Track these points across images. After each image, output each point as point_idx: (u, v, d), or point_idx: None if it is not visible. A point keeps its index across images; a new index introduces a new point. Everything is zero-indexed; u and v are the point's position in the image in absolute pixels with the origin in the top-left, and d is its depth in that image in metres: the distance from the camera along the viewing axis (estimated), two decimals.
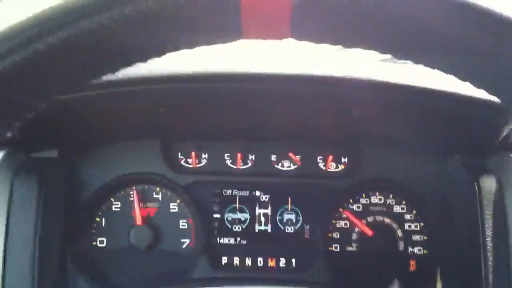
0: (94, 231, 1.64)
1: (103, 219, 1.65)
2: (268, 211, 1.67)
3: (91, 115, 1.43)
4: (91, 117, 1.45)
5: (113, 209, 1.65)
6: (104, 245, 1.63)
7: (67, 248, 1.57)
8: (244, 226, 1.67)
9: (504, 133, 1.30)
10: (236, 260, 1.65)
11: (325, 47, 1.42)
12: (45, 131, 1.43)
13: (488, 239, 1.39)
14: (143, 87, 1.26)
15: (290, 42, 0.60)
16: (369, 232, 1.63)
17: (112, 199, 1.65)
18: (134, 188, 1.65)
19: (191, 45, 0.59)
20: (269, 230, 1.67)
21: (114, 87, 1.23)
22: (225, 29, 0.56)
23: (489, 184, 1.43)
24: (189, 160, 1.68)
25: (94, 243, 1.64)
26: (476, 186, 1.41)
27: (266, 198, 1.68)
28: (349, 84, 1.19)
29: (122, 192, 1.66)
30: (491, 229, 1.40)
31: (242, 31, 0.56)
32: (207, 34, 0.58)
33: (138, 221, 1.62)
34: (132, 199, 1.65)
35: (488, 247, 1.38)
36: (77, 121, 1.44)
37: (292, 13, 0.54)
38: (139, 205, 1.64)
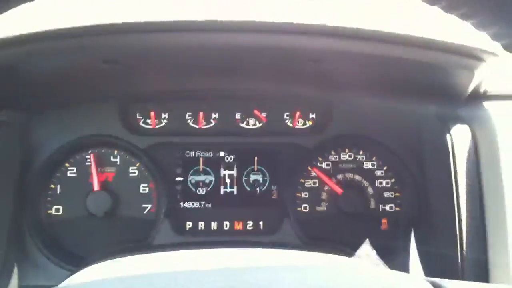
0: (49, 198, 1.54)
1: (58, 186, 1.55)
2: (234, 172, 1.59)
3: (37, 72, 1.32)
4: (38, 76, 1.34)
5: (69, 174, 1.55)
6: (60, 213, 1.54)
7: (21, 218, 1.48)
8: (208, 189, 1.59)
9: (476, 81, 1.23)
10: (201, 225, 1.58)
11: None
12: None
13: (462, 191, 1.34)
14: (90, 38, 1.15)
15: None
16: (339, 190, 1.56)
17: (67, 165, 1.55)
18: (90, 152, 1.55)
19: None
20: (235, 192, 1.59)
21: (54, 39, 1.11)
22: None
23: (462, 134, 1.37)
24: (148, 121, 1.58)
25: (49, 212, 1.54)
26: (449, 136, 1.35)
27: (231, 158, 1.59)
28: (318, 32, 1.09)
29: (78, 157, 1.56)
30: (464, 181, 1.35)
31: None
32: None
33: (96, 186, 1.53)
34: (88, 163, 1.55)
35: (462, 200, 1.33)
36: (24, 80, 1.33)
37: None
38: (97, 170, 1.54)
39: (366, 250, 1.40)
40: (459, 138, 1.36)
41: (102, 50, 1.22)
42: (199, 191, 1.58)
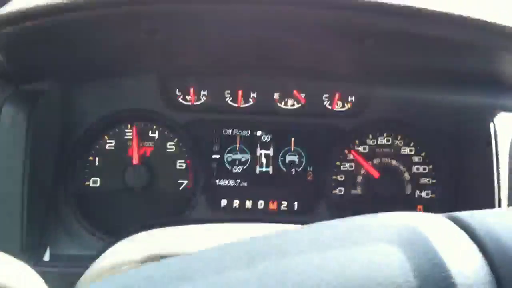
0: (87, 170, 1.56)
1: (97, 158, 1.57)
2: (270, 151, 1.59)
3: (79, 43, 1.33)
4: (80, 46, 1.35)
5: (107, 147, 1.57)
6: (97, 185, 1.56)
7: (59, 188, 1.50)
8: (244, 167, 1.59)
9: None
10: (236, 203, 1.58)
11: None
12: (33, 61, 1.34)
13: (502, 182, 1.32)
14: (133, 8, 1.15)
15: None
16: (376, 174, 1.55)
17: (106, 137, 1.57)
18: (131, 125, 1.57)
19: None
20: (271, 172, 1.59)
21: (98, 8, 1.12)
22: None
23: (505, 123, 1.35)
24: (188, 97, 1.59)
25: (87, 183, 1.56)
26: (492, 125, 1.33)
27: (268, 138, 1.59)
28: (364, 7, 1.08)
29: (117, 130, 1.57)
30: (505, 172, 1.33)
31: None
32: None
33: (135, 160, 1.54)
34: (127, 137, 1.56)
35: (502, 191, 1.31)
36: (65, 50, 1.34)
37: None
38: (136, 144, 1.55)
39: None
40: (502, 127, 1.34)
41: (144, 20, 1.22)
42: (235, 169, 1.59)
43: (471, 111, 1.45)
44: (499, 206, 1.32)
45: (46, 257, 1.46)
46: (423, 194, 1.58)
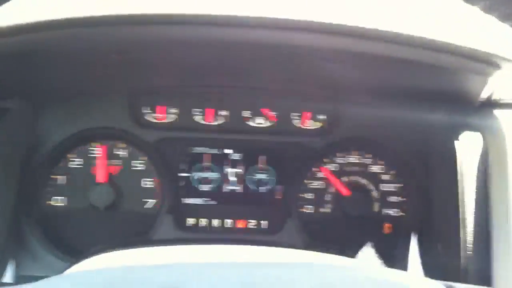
0: (51, 189, 1.53)
1: (62, 177, 1.54)
2: (239, 170, 1.58)
3: (48, 61, 1.30)
4: (48, 64, 1.32)
5: (73, 166, 1.54)
6: (61, 204, 1.53)
7: (21, 207, 1.46)
8: (213, 186, 1.57)
9: (489, 87, 1.22)
10: (203, 221, 1.56)
11: None
12: (1, 78, 1.30)
13: (468, 199, 1.32)
14: (103, 28, 1.13)
15: None
16: (345, 192, 1.55)
17: (71, 156, 1.54)
18: (97, 143, 1.54)
19: None
20: (239, 190, 1.58)
21: (65, 27, 1.10)
22: None
23: (471, 142, 1.36)
24: (156, 115, 1.57)
25: (51, 202, 1.53)
26: (458, 143, 1.33)
27: (237, 156, 1.58)
28: (331, 31, 1.08)
29: (83, 148, 1.54)
30: (471, 189, 1.33)
31: None
32: None
33: (100, 178, 1.51)
34: (93, 155, 1.53)
35: (468, 208, 1.31)
36: (33, 68, 1.31)
37: None
38: (102, 162, 1.52)
39: (368, 253, 1.38)
40: (468, 145, 1.35)
41: (115, 41, 1.21)
42: (202, 187, 1.57)
43: (438, 130, 1.45)
44: (464, 223, 1.32)
45: (7, 278, 1.41)
46: (392, 212, 1.58)
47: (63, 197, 1.53)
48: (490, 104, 1.30)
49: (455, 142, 1.36)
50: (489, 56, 1.09)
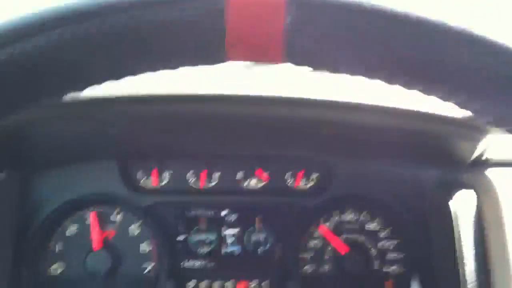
0: (48, 257, 1.53)
1: (58, 244, 1.53)
2: (236, 231, 1.57)
3: (40, 136, 1.33)
4: (40, 139, 1.35)
5: (69, 233, 1.54)
6: (59, 272, 1.52)
7: (19, 277, 1.46)
8: (210, 248, 1.57)
9: (479, 150, 1.22)
10: (203, 285, 1.55)
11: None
12: None
13: (466, 255, 1.32)
14: (93, 108, 1.16)
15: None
16: (343, 250, 1.54)
17: (67, 223, 1.54)
18: (90, 210, 1.54)
19: (169, 66, 0.53)
20: (237, 252, 1.57)
21: (62, 109, 1.12)
22: (209, 50, 0.50)
23: (465, 199, 1.36)
24: (150, 180, 1.58)
25: (48, 270, 1.52)
26: (452, 201, 1.34)
27: (233, 218, 1.58)
28: (321, 105, 1.10)
29: (78, 215, 1.55)
30: (469, 245, 1.33)
31: (227, 52, 0.49)
32: (187, 56, 0.50)
33: (95, 245, 1.51)
34: (88, 222, 1.53)
35: (467, 263, 1.31)
36: (25, 141, 1.34)
37: (284, 35, 0.47)
38: (96, 229, 1.52)
39: None
40: (462, 203, 1.35)
41: (108, 118, 1.24)
42: (200, 250, 1.56)
43: (433, 187, 1.46)
44: (463, 279, 1.31)
45: None
46: (391, 269, 1.56)
47: (61, 266, 1.53)
48: (481, 164, 1.30)
49: (450, 200, 1.36)
50: (477, 123, 1.10)
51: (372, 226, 1.58)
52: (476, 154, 1.24)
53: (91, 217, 1.53)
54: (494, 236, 1.26)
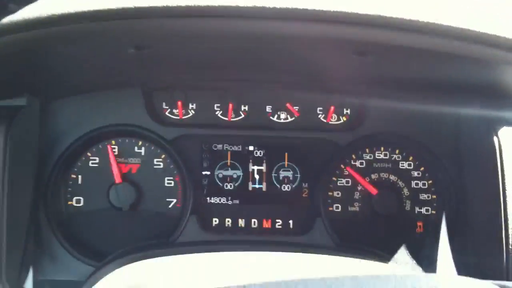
0: (69, 189, 1.48)
1: (80, 176, 1.49)
2: (263, 167, 1.52)
3: (60, 57, 1.25)
4: (61, 60, 1.27)
5: (90, 164, 1.49)
6: (80, 204, 1.48)
7: (40, 208, 1.42)
8: (236, 184, 1.52)
9: None
10: (228, 222, 1.51)
11: None
12: (10, 74, 1.24)
13: (510, 198, 1.26)
14: (120, 22, 1.07)
15: None
16: (373, 191, 1.49)
17: (89, 154, 1.49)
18: (108, 142, 1.49)
19: None
20: (264, 189, 1.52)
21: (83, 21, 1.04)
22: None
23: (508, 137, 1.29)
24: (175, 111, 1.51)
25: (69, 203, 1.48)
26: (495, 138, 1.27)
27: (260, 153, 1.52)
28: (367, 22, 1.01)
29: (100, 146, 1.49)
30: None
31: None
32: None
33: (117, 178, 1.46)
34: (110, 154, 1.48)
35: (509, 206, 1.25)
36: (45, 64, 1.26)
37: None
38: (116, 162, 1.48)
39: (404, 258, 1.32)
40: (506, 141, 1.28)
41: (133, 35, 1.15)
42: (226, 186, 1.51)
43: (473, 124, 1.39)
44: (505, 224, 1.25)
45: (28, 285, 1.37)
46: (423, 210, 1.52)
47: (82, 198, 1.48)
48: None
49: (493, 137, 1.29)
50: None
51: (405, 165, 1.52)
52: None
53: (109, 149, 1.48)
54: None
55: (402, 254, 1.35)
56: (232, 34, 1.15)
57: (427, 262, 1.37)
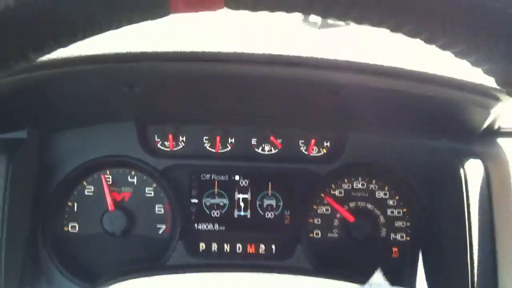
0: (66, 215, 1.57)
1: (76, 204, 1.58)
2: (248, 196, 1.62)
3: (60, 95, 1.36)
4: (60, 97, 1.38)
5: (86, 193, 1.58)
6: (76, 230, 1.57)
7: (37, 234, 1.50)
8: (223, 212, 1.61)
9: (491, 118, 1.26)
10: (214, 246, 1.60)
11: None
12: (12, 110, 1.35)
13: (474, 224, 1.36)
14: (115, 65, 1.19)
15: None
16: (351, 218, 1.58)
17: (85, 183, 1.58)
18: (103, 172, 1.59)
19: (114, 25, 0.52)
20: (249, 216, 1.61)
21: (82, 64, 1.15)
22: (151, 4, 0.50)
23: (475, 169, 1.39)
24: (166, 143, 1.61)
25: (66, 228, 1.57)
26: (462, 170, 1.37)
27: (245, 182, 1.62)
28: (338, 67, 1.13)
29: (95, 176, 1.58)
30: (476, 214, 1.37)
31: (169, 4, 0.50)
32: (130, 11, 0.51)
33: (110, 206, 1.56)
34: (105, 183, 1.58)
35: (473, 232, 1.35)
36: (46, 100, 1.37)
37: None
38: (109, 190, 1.57)
39: (378, 279, 1.41)
40: (472, 172, 1.39)
41: (126, 76, 1.26)
42: (213, 213, 1.61)
43: (443, 156, 1.49)
44: (470, 247, 1.35)
45: None
46: (398, 236, 1.61)
47: (77, 224, 1.57)
48: (492, 133, 1.34)
49: (460, 169, 1.39)
50: (490, 90, 1.13)
51: (381, 194, 1.62)
52: (488, 122, 1.28)
53: (103, 179, 1.58)
54: (502, 205, 1.31)
55: (378, 277, 1.44)
56: (216, 76, 1.27)
57: (402, 284, 1.47)
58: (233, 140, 1.62)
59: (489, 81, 1.14)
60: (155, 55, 1.17)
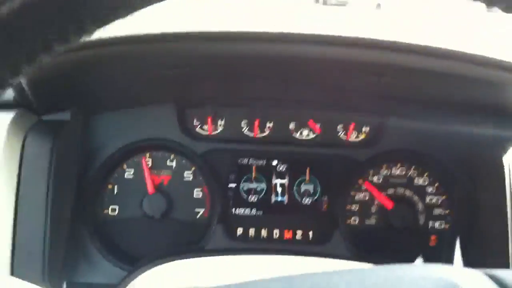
0: (106, 198, 1.59)
1: (116, 187, 1.60)
2: (285, 181, 1.61)
3: (102, 76, 1.37)
4: (102, 79, 1.39)
5: (126, 176, 1.60)
6: (116, 213, 1.59)
7: (79, 216, 1.53)
8: (260, 197, 1.61)
9: None
10: (252, 231, 1.60)
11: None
12: (57, 92, 1.37)
13: None
14: (157, 45, 1.19)
15: None
16: (389, 205, 1.57)
17: (125, 166, 1.60)
18: (143, 155, 1.60)
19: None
20: (286, 201, 1.61)
21: (125, 44, 1.16)
22: None
23: None
24: (205, 127, 1.62)
25: (106, 211, 1.59)
26: (505, 159, 1.35)
27: (283, 168, 1.62)
28: (384, 47, 1.11)
29: (136, 159, 1.60)
30: None
31: None
32: None
33: (150, 189, 1.57)
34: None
35: None
36: (88, 82, 1.38)
37: None
38: (150, 173, 1.59)
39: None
40: None
41: (167, 57, 1.27)
42: (250, 198, 1.61)
43: (485, 143, 1.47)
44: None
45: (64, 286, 1.48)
46: (437, 224, 1.59)
47: (118, 206, 1.59)
48: None
49: (503, 157, 1.37)
50: None
51: (420, 181, 1.61)
52: None
53: (143, 162, 1.59)
54: None
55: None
56: (257, 57, 1.27)
57: None
58: (271, 125, 1.62)
59: None
60: (197, 35, 1.17)
